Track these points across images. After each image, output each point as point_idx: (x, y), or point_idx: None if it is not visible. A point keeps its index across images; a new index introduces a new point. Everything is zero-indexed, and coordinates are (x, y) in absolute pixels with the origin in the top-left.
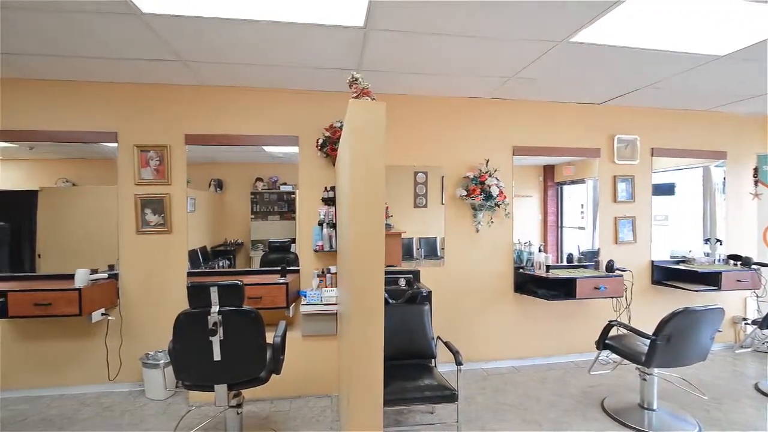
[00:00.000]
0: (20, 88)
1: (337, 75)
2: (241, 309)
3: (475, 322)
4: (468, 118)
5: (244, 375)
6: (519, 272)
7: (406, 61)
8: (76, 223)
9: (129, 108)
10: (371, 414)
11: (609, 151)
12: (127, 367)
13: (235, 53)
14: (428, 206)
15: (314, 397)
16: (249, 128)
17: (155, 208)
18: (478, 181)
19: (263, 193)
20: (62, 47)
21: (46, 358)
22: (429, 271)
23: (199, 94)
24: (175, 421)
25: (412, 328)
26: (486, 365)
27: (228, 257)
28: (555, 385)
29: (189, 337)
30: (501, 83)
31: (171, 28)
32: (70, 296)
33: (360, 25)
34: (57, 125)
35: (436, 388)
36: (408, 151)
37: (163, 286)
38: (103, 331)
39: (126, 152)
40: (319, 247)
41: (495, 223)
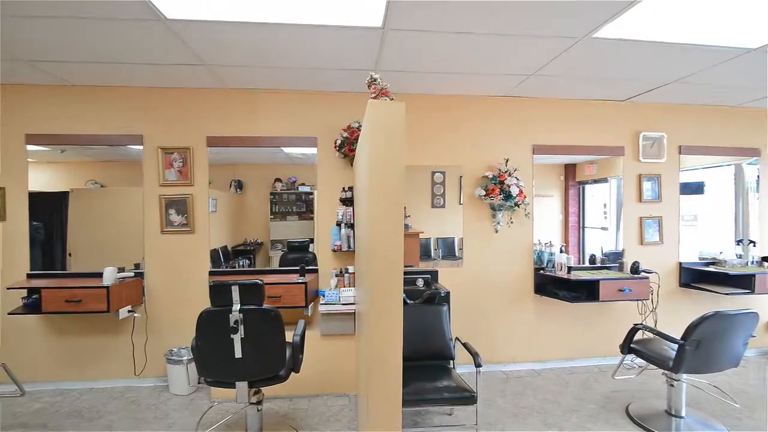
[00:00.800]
0: (51, 94)
1: (355, 76)
2: (262, 308)
3: (495, 324)
4: (486, 117)
5: (264, 372)
6: (539, 273)
7: (424, 60)
8: (104, 223)
9: (154, 111)
10: (390, 414)
11: (634, 149)
12: (152, 363)
13: (255, 57)
14: (446, 206)
15: (332, 395)
16: (268, 130)
17: (179, 208)
18: (497, 180)
19: (282, 193)
20: (91, 54)
21: (76, 352)
22: (447, 271)
23: (221, 97)
24: (198, 416)
25: (430, 328)
26: (505, 368)
27: (248, 257)
28: (577, 389)
29: (211, 335)
30: (520, 81)
31: (193, 33)
32: (99, 293)
33: (378, 25)
34: (86, 129)
35: (455, 389)
36: (425, 151)
37: (186, 285)
38: (129, 327)
39: (151, 154)
40: (337, 247)
41: (515, 223)
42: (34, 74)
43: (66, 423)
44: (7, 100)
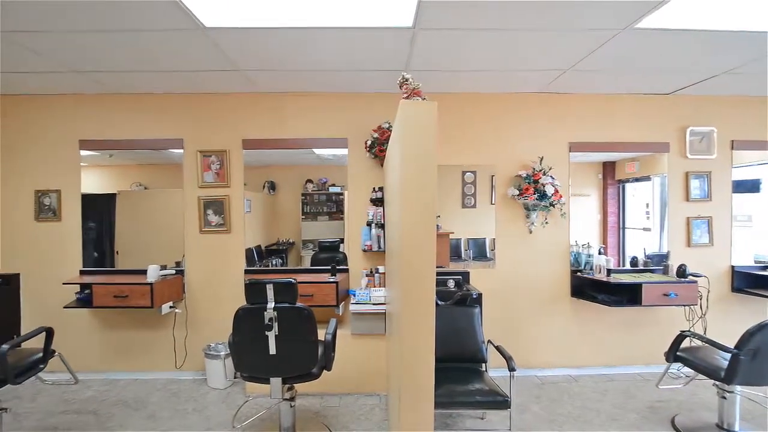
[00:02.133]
0: (101, 102)
1: (385, 76)
2: (295, 306)
3: (529, 327)
4: (520, 115)
5: (298, 369)
6: (576, 276)
7: (455, 59)
8: (148, 223)
9: (193, 116)
10: (422, 415)
11: (680, 144)
12: (192, 357)
13: (287, 61)
14: (477, 206)
15: (363, 394)
16: (300, 132)
17: (216, 209)
18: (532, 179)
19: (313, 194)
20: (136, 63)
21: (123, 345)
22: (478, 272)
23: (255, 100)
24: (234, 410)
25: (462, 330)
26: (540, 373)
27: (280, 256)
28: (618, 397)
29: (247, 331)
30: (556, 77)
31: (229, 39)
32: (143, 290)
33: (409, 25)
34: (132, 134)
35: (488, 393)
36: (455, 151)
37: (223, 282)
38: (170, 322)
39: (190, 157)
40: (367, 247)
41: (550, 223)
42: (87, 84)
43: (114, 411)
44: (63, 108)
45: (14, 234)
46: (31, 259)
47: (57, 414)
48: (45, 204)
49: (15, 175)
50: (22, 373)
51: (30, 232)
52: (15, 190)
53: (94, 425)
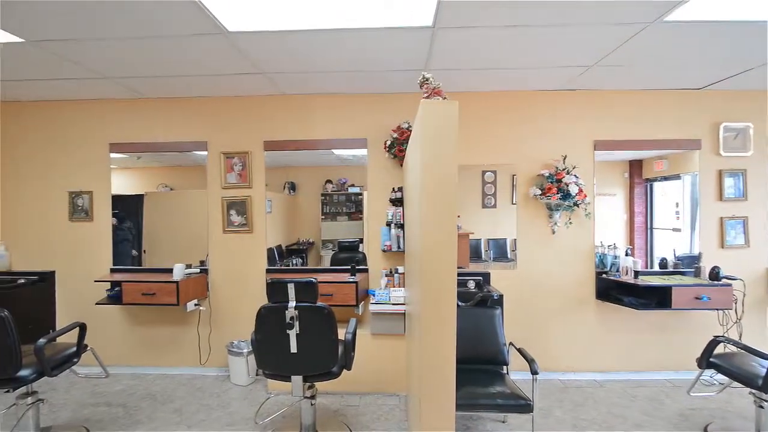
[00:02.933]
0: (130, 107)
1: (405, 76)
2: (316, 305)
3: (552, 330)
4: (542, 113)
5: (318, 368)
6: (602, 278)
7: (476, 57)
8: (174, 223)
9: (216, 119)
10: (443, 417)
11: (712, 141)
12: (215, 354)
13: (308, 63)
14: (497, 206)
15: (383, 394)
16: (321, 133)
17: (239, 209)
18: (554, 179)
19: (332, 194)
20: (162, 69)
21: (150, 340)
22: (499, 273)
23: (276, 102)
24: (256, 406)
25: (483, 332)
26: (563, 376)
27: (301, 256)
28: (646, 404)
29: (269, 330)
30: (580, 73)
31: (252, 43)
32: (170, 288)
33: (428, 24)
34: (159, 137)
35: (510, 396)
36: (475, 150)
37: (245, 281)
38: (195, 319)
39: (214, 159)
40: (387, 247)
41: (574, 224)
42: (117, 89)
43: (142, 404)
44: (95, 113)
45: (50, 233)
46: (65, 257)
47: (89, 406)
48: (78, 205)
49: (50, 178)
50: (58, 366)
51: (64, 231)
52: (50, 191)
53: (123, 418)
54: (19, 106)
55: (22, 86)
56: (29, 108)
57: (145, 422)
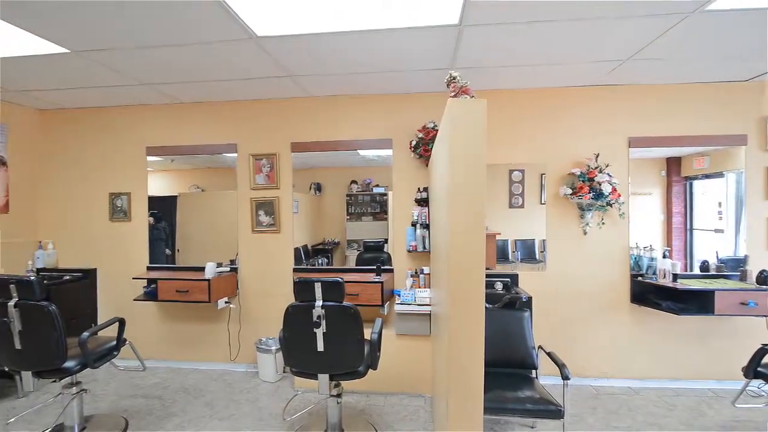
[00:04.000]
0: (165, 111)
1: (430, 75)
2: (342, 304)
3: (583, 334)
4: (572, 110)
5: (344, 367)
6: (637, 281)
7: (503, 54)
8: (205, 223)
9: (246, 122)
10: (471, 420)
11: (760, 137)
12: (245, 350)
13: (334, 65)
14: (525, 206)
15: (408, 395)
16: (346, 134)
17: (267, 210)
18: (586, 177)
19: (357, 195)
20: (194, 74)
21: (184, 336)
22: (527, 275)
23: (304, 104)
24: (283, 403)
25: (511, 335)
26: (595, 382)
27: (326, 255)
28: (686, 414)
29: (296, 328)
30: (613, 68)
31: (280, 46)
32: (202, 285)
33: (455, 22)
34: (191, 140)
35: (539, 401)
36: (502, 149)
37: (273, 280)
38: (225, 317)
39: (243, 161)
40: (412, 247)
41: (606, 224)
42: (153, 95)
43: (176, 397)
44: (133, 118)
45: (92, 232)
46: (105, 255)
47: (127, 397)
48: (117, 205)
49: (92, 180)
50: (99, 358)
51: (105, 231)
52: (93, 193)
53: (159, 410)
54: (65, 113)
55: (67, 94)
56: (73, 114)
57: (179, 414)
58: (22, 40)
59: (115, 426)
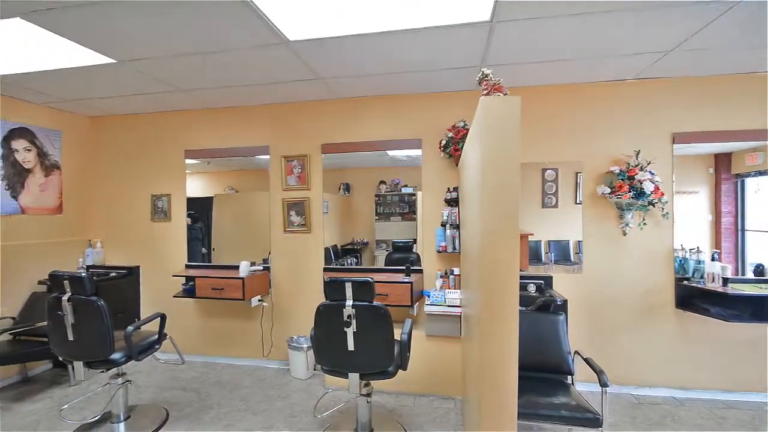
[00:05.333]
0: (201, 116)
1: (460, 74)
2: (372, 304)
3: (623, 339)
4: (611, 105)
5: (374, 366)
6: (682, 284)
7: (536, 50)
8: (239, 223)
9: (277, 124)
10: (504, 426)
11: None
12: (277, 347)
13: (364, 66)
14: (559, 206)
15: (437, 397)
16: (376, 134)
17: (298, 210)
18: (626, 176)
19: (386, 195)
20: (229, 79)
21: (219, 332)
22: (562, 277)
23: (333, 106)
24: (314, 400)
25: (545, 338)
26: (636, 391)
27: (355, 255)
28: (738, 428)
29: (327, 326)
30: (655, 60)
31: (311, 50)
32: (236, 284)
33: (486, 19)
34: (226, 143)
35: (575, 408)
36: (535, 147)
37: (304, 279)
38: (258, 314)
39: (275, 162)
40: (442, 248)
41: (648, 224)
42: (190, 101)
43: (212, 390)
44: (172, 123)
45: (135, 232)
46: (147, 253)
47: (168, 389)
48: (158, 206)
49: (136, 182)
50: (143, 351)
51: (147, 230)
52: (136, 194)
53: (197, 402)
54: (110, 119)
55: (114, 101)
56: (118, 121)
57: (215, 408)
58: (75, 52)
59: (157, 416)
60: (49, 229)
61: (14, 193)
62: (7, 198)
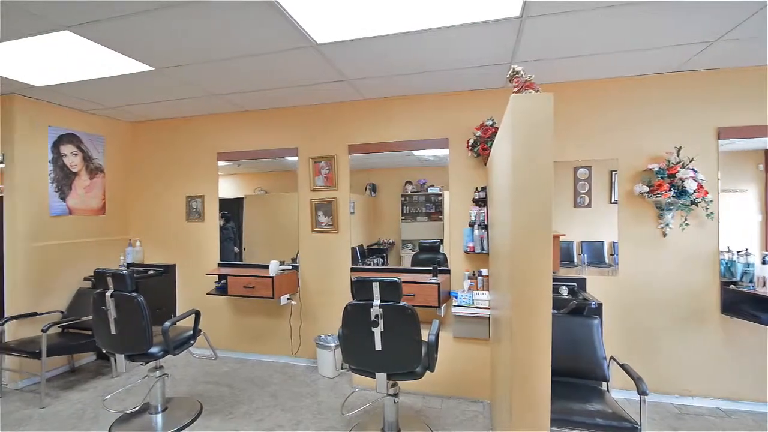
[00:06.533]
0: (233, 119)
1: (487, 72)
2: (400, 304)
3: (662, 346)
4: (648, 100)
5: (402, 367)
6: (729, 289)
7: (568, 45)
8: (268, 223)
9: (305, 126)
10: (536, 431)
11: None
12: (305, 345)
13: (391, 66)
14: (592, 206)
15: (465, 399)
16: (402, 134)
17: (325, 210)
18: (666, 174)
19: (412, 195)
20: (259, 83)
21: (250, 329)
22: (595, 279)
23: (360, 107)
24: (341, 398)
25: (579, 343)
26: (677, 400)
27: (381, 255)
28: None
29: (355, 326)
30: (698, 51)
31: (338, 52)
32: (266, 282)
33: (516, 15)
34: (256, 145)
35: (611, 416)
36: (566, 145)
37: (331, 278)
38: (287, 312)
39: (303, 164)
40: (470, 248)
41: (691, 225)
42: (222, 105)
43: (243, 386)
44: (205, 126)
45: (171, 231)
46: (182, 252)
47: (202, 383)
48: (193, 207)
49: (172, 183)
50: (179, 346)
51: (182, 230)
52: (172, 195)
53: (229, 397)
54: (148, 125)
55: (152, 107)
56: (155, 126)
57: (246, 402)
58: (116, 61)
59: (192, 408)
60: (93, 229)
61: (62, 195)
62: (56, 200)
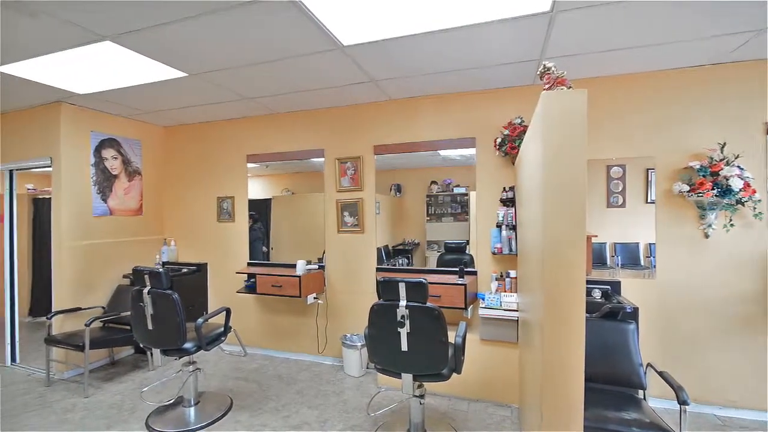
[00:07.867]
0: (262, 122)
1: (515, 69)
2: (426, 305)
3: (704, 353)
4: (688, 95)
5: (428, 368)
6: None
7: (601, 39)
8: (295, 223)
9: (331, 127)
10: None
11: None
12: (331, 344)
13: (417, 66)
14: (626, 206)
15: (492, 403)
16: (428, 134)
17: (351, 211)
18: (708, 171)
19: (437, 195)
20: (287, 86)
21: (278, 327)
22: (630, 282)
23: (385, 108)
24: (367, 398)
25: (613, 348)
26: (720, 412)
27: (406, 256)
28: None
29: (381, 326)
30: (742, 42)
31: (364, 53)
32: (294, 281)
33: (546, 9)
34: (284, 147)
35: (649, 425)
36: (598, 143)
37: (357, 278)
38: (314, 311)
39: (330, 165)
40: (497, 249)
41: (736, 226)
42: (252, 108)
43: (271, 383)
44: (235, 129)
45: (204, 231)
46: (214, 251)
47: (231, 379)
48: (224, 208)
49: (204, 185)
50: (211, 342)
51: (213, 230)
52: (204, 196)
53: (257, 393)
54: (184, 128)
55: (185, 112)
56: (188, 130)
57: (274, 399)
58: (152, 68)
59: (222, 403)
60: (131, 229)
61: (104, 196)
62: (98, 201)
